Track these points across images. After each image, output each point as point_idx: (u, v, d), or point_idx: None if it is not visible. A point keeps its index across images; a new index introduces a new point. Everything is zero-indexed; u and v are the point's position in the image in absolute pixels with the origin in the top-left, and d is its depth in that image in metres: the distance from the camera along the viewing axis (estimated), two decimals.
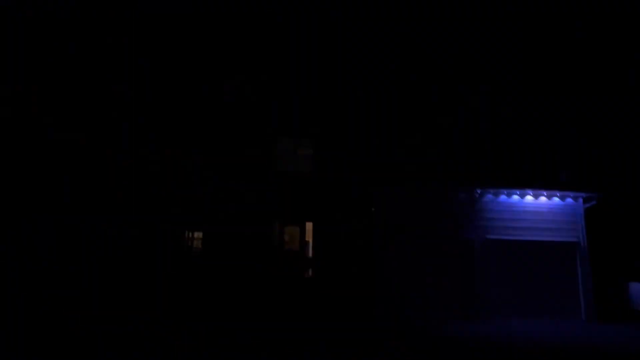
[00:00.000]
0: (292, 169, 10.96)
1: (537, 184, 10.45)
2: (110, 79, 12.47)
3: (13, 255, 9.75)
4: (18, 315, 6.91)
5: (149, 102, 12.09)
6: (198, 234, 10.77)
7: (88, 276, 9.55)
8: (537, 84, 12.28)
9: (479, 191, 10.20)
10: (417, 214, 10.15)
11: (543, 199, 10.37)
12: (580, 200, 10.42)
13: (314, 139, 11.21)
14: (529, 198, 10.35)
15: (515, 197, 10.36)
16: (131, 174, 10.94)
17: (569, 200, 10.41)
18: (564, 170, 10.83)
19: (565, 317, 9.84)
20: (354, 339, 7.21)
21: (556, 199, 10.40)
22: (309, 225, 10.79)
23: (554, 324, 9.25)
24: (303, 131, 11.18)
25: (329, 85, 11.90)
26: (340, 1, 13.17)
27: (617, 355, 6.46)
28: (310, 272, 10.55)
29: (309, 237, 10.83)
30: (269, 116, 11.42)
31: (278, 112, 11.50)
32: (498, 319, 9.49)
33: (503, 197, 10.35)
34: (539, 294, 10.00)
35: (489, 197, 10.35)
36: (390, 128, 11.29)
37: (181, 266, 10.18)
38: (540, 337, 7.71)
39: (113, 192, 10.81)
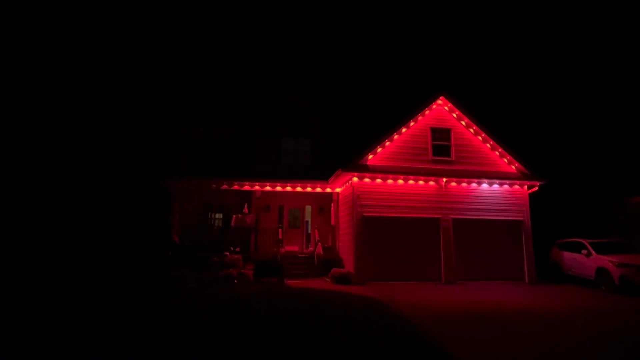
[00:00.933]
0: (295, 163, 13.06)
1: (491, 175, 12.77)
2: None
3: None
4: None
5: None
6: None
7: None
8: None
9: (445, 180, 12.43)
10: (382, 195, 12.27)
11: (496, 186, 12.78)
12: (525, 187, 12.91)
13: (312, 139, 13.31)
14: (485, 186, 12.73)
15: (474, 185, 12.69)
16: None
17: (516, 187, 12.89)
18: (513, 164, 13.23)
19: (512, 279, 12.32)
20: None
21: (506, 187, 12.85)
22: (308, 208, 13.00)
23: (502, 285, 11.64)
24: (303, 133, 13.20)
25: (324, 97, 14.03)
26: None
27: (545, 308, 8.68)
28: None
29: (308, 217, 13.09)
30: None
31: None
32: (458, 282, 11.86)
33: (464, 185, 12.66)
34: (492, 262, 12.42)
35: (453, 184, 12.61)
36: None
37: None
38: (487, 295, 9.93)
39: None
